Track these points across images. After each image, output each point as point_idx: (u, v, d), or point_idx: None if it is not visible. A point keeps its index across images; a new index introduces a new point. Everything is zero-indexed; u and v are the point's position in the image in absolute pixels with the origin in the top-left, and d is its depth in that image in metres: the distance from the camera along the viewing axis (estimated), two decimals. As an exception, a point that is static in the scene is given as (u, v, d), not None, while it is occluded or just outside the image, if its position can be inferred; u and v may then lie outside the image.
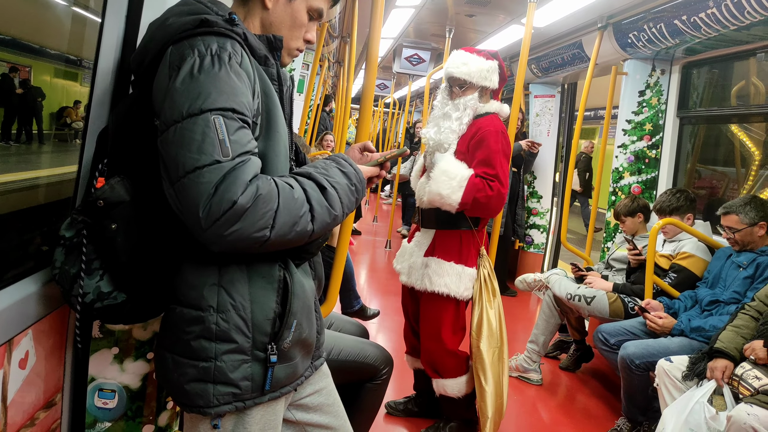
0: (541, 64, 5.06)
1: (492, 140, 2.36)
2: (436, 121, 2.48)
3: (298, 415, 1.31)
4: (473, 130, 2.43)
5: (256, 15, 1.16)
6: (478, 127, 2.42)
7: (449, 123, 2.42)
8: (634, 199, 3.43)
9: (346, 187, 1.09)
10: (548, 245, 5.56)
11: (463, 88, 2.44)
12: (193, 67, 0.97)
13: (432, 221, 2.51)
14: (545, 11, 3.95)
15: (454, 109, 2.43)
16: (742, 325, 2.26)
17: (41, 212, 1.44)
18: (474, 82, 2.41)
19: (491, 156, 2.35)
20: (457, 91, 2.45)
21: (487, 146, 2.36)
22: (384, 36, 5.58)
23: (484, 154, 2.36)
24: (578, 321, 3.47)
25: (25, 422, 1.15)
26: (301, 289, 1.15)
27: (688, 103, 3.77)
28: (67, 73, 1.77)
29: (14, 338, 1.08)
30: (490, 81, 2.44)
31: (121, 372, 1.39)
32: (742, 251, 2.67)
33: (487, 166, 2.35)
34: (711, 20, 2.90)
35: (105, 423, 1.40)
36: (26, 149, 1.83)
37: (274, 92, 1.10)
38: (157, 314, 1.17)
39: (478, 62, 2.42)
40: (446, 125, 2.42)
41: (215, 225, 0.93)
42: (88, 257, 1.09)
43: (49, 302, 1.19)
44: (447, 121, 2.43)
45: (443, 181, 2.32)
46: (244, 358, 1.08)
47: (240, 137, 0.97)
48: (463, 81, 2.42)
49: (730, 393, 2.09)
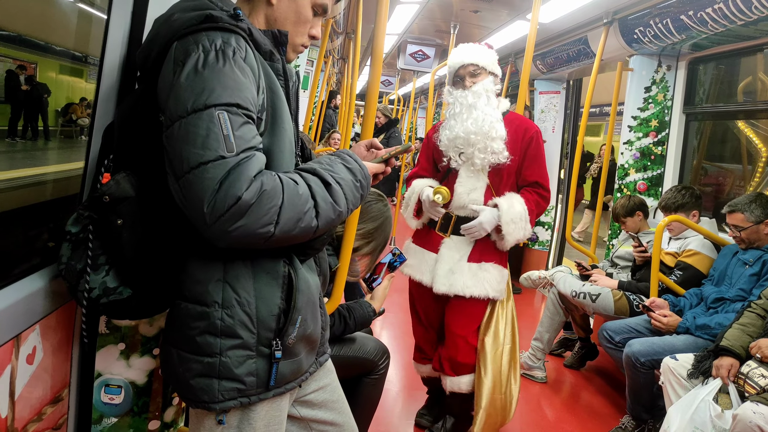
0: (547, 60, 5.04)
1: (542, 150, 2.43)
2: (459, 117, 2.35)
3: (303, 412, 1.31)
4: (518, 126, 2.39)
5: (261, 11, 1.16)
6: (523, 126, 2.41)
7: (480, 113, 2.31)
8: (629, 198, 3.43)
9: (350, 183, 1.09)
10: (553, 242, 5.55)
11: (475, 76, 2.37)
12: (197, 63, 0.97)
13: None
14: (550, 7, 3.93)
15: (475, 97, 2.35)
16: (748, 323, 2.25)
17: (47, 208, 1.44)
18: (485, 66, 2.37)
19: (544, 170, 2.43)
20: (469, 80, 2.38)
21: (540, 158, 2.42)
22: (388, 32, 5.58)
23: (540, 169, 2.42)
24: (583, 318, 3.47)
25: (33, 417, 1.16)
26: (306, 285, 1.15)
27: (694, 100, 3.75)
28: (72, 70, 1.77)
29: (22, 334, 1.09)
30: (497, 69, 2.42)
31: (128, 368, 1.40)
32: (749, 249, 2.65)
33: (542, 185, 2.41)
34: (718, 15, 2.88)
35: (111, 418, 1.41)
36: (32, 146, 1.83)
37: (279, 88, 1.10)
38: (163, 310, 1.17)
39: (485, 50, 2.41)
40: (480, 115, 2.31)
41: (220, 220, 0.93)
42: (94, 252, 1.09)
43: (56, 298, 1.20)
44: (475, 111, 2.33)
45: (516, 229, 2.32)
46: (249, 354, 1.08)
47: (244, 133, 0.97)
48: (476, 66, 2.36)
49: (736, 391, 2.08)
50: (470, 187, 2.38)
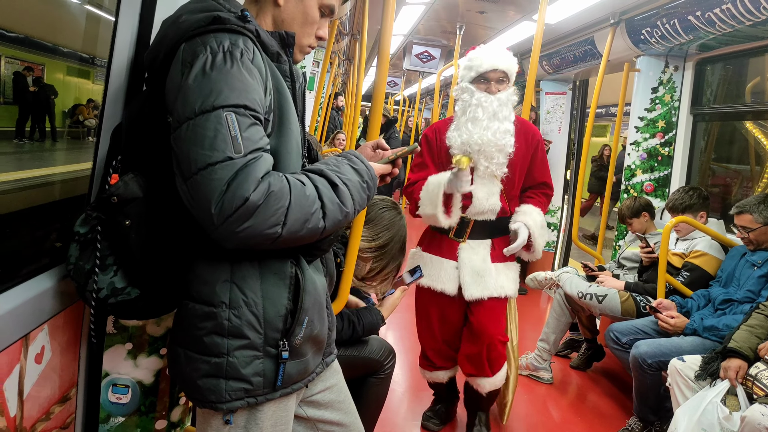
0: (553, 60, 5.03)
1: (545, 154, 2.52)
2: (479, 123, 2.29)
3: (309, 412, 1.31)
4: (526, 131, 2.42)
5: (268, 12, 1.16)
6: (531, 131, 2.45)
7: (499, 123, 2.29)
8: (635, 199, 3.42)
9: (357, 184, 1.09)
10: (559, 243, 5.53)
11: (501, 83, 2.33)
12: (205, 64, 0.97)
13: (485, 232, 2.43)
14: (557, 7, 3.92)
15: (502, 107, 2.31)
16: (756, 324, 2.23)
17: (56, 209, 1.45)
18: (510, 76, 2.34)
19: (548, 169, 2.54)
20: (496, 86, 2.32)
21: (545, 161, 2.51)
22: (394, 33, 5.58)
23: (545, 170, 2.51)
24: (589, 320, 3.45)
25: (41, 416, 1.17)
26: (313, 285, 1.16)
27: (701, 100, 3.73)
28: (79, 71, 1.79)
29: (30, 333, 1.09)
30: (514, 77, 2.39)
31: (135, 367, 1.40)
32: (757, 250, 2.63)
33: (549, 184, 2.53)
34: (726, 16, 2.86)
35: (118, 418, 1.41)
36: (39, 147, 1.84)
37: (286, 89, 1.10)
38: (170, 310, 1.18)
39: (513, 59, 2.37)
40: (498, 126, 2.29)
41: (227, 221, 0.93)
42: (102, 253, 1.10)
43: (65, 298, 1.20)
44: (496, 121, 2.29)
45: (542, 237, 2.40)
46: (256, 354, 1.08)
47: (252, 134, 0.97)
48: (504, 74, 2.32)
49: (744, 393, 2.07)
50: (488, 192, 2.36)
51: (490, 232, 2.43)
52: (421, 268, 2.14)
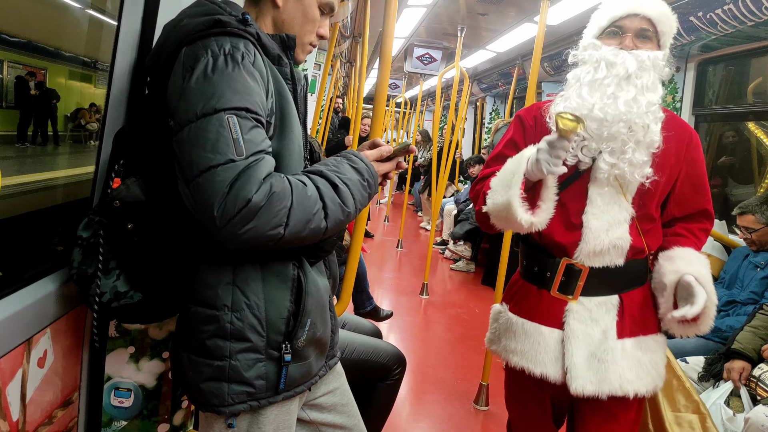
0: (554, 62, 5.03)
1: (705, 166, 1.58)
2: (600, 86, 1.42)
3: (312, 415, 1.31)
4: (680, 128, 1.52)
5: (268, 14, 1.16)
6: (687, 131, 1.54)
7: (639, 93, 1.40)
8: None
9: (357, 183, 1.09)
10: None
11: (643, 39, 1.45)
12: (206, 67, 0.97)
13: (608, 285, 1.50)
14: (558, 9, 3.93)
15: (640, 67, 1.41)
16: (760, 325, 2.23)
17: (58, 213, 1.45)
18: (662, 33, 1.47)
19: (709, 195, 1.58)
20: (634, 40, 1.44)
21: (705, 177, 1.57)
22: (396, 35, 5.58)
23: (706, 192, 1.57)
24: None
25: (44, 420, 1.17)
26: (315, 287, 1.15)
27: (703, 101, 3.73)
28: (81, 75, 1.79)
29: (33, 337, 1.10)
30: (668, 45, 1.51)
31: (137, 371, 1.40)
32: (760, 251, 2.63)
33: (710, 214, 1.58)
34: (728, 16, 2.86)
35: (121, 421, 1.41)
36: (41, 151, 1.85)
37: (287, 91, 1.10)
38: (173, 314, 1.17)
39: (669, 9, 1.50)
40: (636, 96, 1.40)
41: (230, 223, 0.93)
42: (105, 257, 1.10)
43: (67, 302, 1.20)
44: (633, 88, 1.40)
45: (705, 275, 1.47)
46: (259, 357, 1.08)
47: (254, 136, 0.97)
48: (651, 25, 1.46)
49: (748, 394, 2.07)
50: (611, 221, 1.46)
51: (615, 283, 1.51)
52: (507, 336, 1.55)
